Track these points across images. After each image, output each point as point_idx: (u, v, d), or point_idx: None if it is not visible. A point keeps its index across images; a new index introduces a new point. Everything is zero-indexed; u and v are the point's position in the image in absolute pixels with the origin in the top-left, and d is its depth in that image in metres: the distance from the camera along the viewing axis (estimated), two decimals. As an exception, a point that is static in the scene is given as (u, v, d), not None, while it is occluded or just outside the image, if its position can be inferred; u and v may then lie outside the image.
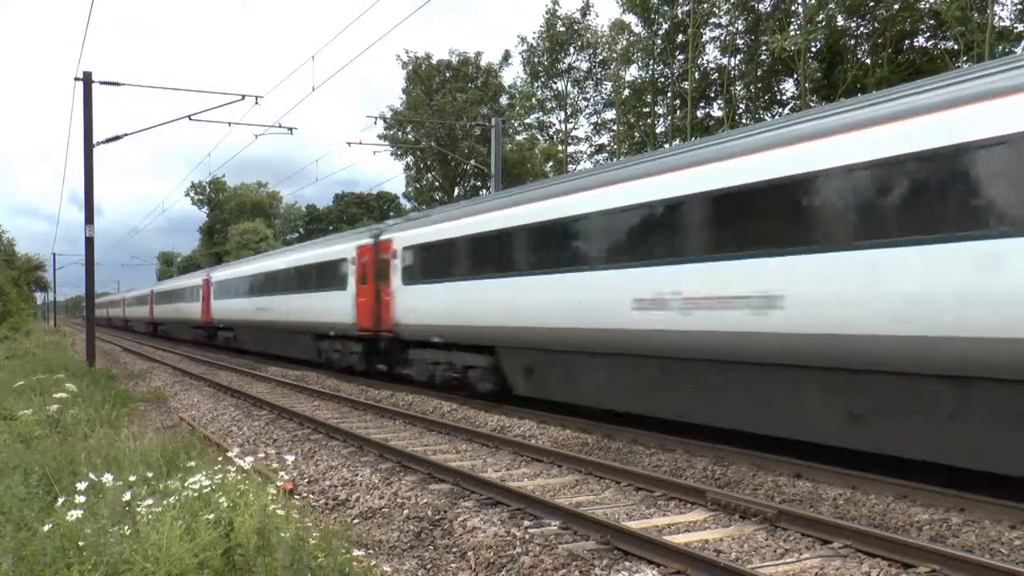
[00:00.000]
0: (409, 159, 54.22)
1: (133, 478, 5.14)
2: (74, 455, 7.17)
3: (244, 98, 22.18)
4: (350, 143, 29.30)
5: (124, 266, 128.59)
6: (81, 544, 4.27)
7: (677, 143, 34.67)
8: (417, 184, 55.49)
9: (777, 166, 9.08)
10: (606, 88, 44.42)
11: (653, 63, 39.68)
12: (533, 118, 48.05)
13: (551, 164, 50.51)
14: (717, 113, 38.73)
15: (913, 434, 7.94)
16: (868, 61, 31.72)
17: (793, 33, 31.58)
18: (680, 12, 37.26)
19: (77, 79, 22.22)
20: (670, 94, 40.15)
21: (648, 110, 41.51)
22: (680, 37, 37.79)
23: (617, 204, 11.63)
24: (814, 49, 32.77)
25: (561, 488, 9.00)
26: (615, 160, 36.98)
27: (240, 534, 4.54)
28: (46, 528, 4.52)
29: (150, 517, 4.48)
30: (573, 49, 44.84)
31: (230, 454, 6.07)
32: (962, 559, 5.90)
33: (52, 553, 4.35)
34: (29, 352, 26.63)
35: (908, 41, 31.56)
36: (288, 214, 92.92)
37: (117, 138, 23.83)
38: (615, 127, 44.13)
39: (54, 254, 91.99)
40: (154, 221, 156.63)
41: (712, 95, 38.82)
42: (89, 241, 22.70)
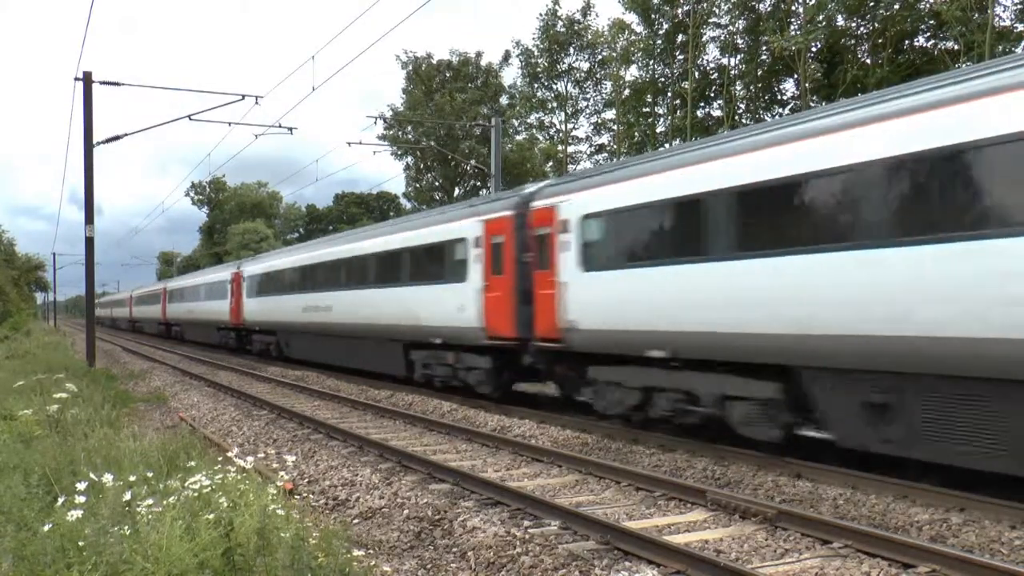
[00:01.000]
0: (409, 159, 54.21)
1: (133, 478, 5.14)
2: (74, 455, 7.17)
3: (244, 98, 22.21)
4: (350, 143, 29.27)
5: (124, 266, 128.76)
6: (81, 544, 4.27)
7: None
8: (417, 184, 55.50)
9: None
10: (606, 88, 44.44)
11: (653, 63, 39.70)
12: (533, 118, 48.07)
13: (551, 164, 50.50)
14: (717, 113, 38.79)
15: None
16: (868, 61, 31.73)
17: (793, 33, 31.60)
18: (680, 12, 37.29)
19: (77, 79, 22.23)
20: (670, 94, 40.15)
21: (648, 110, 41.51)
22: (680, 37, 37.81)
23: None
24: (814, 49, 32.77)
25: (561, 488, 9.00)
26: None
27: (240, 534, 4.55)
28: (46, 528, 4.52)
29: (150, 517, 4.48)
30: (573, 49, 44.83)
31: (230, 454, 6.07)
32: (962, 559, 5.90)
33: (52, 553, 4.35)
34: (29, 352, 26.64)
35: (908, 41, 31.57)
36: (288, 214, 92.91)
37: (117, 138, 23.85)
38: (615, 127, 44.14)
39: (54, 254, 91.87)
40: (154, 221, 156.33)
41: (712, 95, 38.82)
42: (89, 241, 22.71)
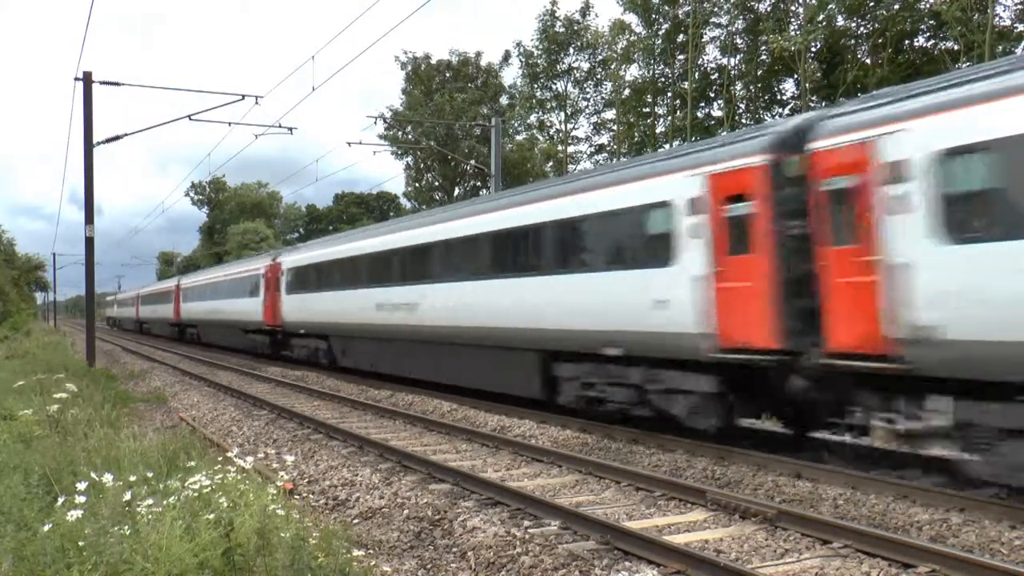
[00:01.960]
0: (409, 159, 54.20)
1: (133, 478, 5.15)
2: (74, 455, 7.17)
3: (244, 98, 22.20)
4: (350, 143, 29.19)
5: (125, 266, 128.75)
6: (81, 544, 4.27)
7: None
8: (417, 184, 55.49)
9: None
10: (606, 88, 44.41)
11: (653, 63, 39.68)
12: (534, 118, 48.04)
13: (551, 164, 50.49)
14: (717, 113, 38.77)
15: None
16: (868, 61, 31.72)
17: (793, 33, 31.59)
18: (680, 12, 37.28)
19: (77, 79, 22.23)
20: (670, 94, 40.14)
21: (648, 110, 41.50)
22: (680, 37, 37.78)
23: None
24: (814, 49, 32.75)
25: (561, 488, 9.00)
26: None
27: (240, 534, 4.55)
28: (46, 528, 4.52)
29: (150, 517, 4.48)
30: (573, 49, 44.82)
31: (230, 454, 6.08)
32: (962, 559, 5.90)
33: (52, 553, 4.35)
34: (29, 352, 26.64)
35: (908, 41, 31.56)
36: (288, 214, 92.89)
37: (117, 138, 23.85)
38: (615, 127, 44.12)
39: (54, 254, 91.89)
40: (154, 221, 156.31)
41: (712, 95, 38.81)
42: (89, 241, 22.70)
